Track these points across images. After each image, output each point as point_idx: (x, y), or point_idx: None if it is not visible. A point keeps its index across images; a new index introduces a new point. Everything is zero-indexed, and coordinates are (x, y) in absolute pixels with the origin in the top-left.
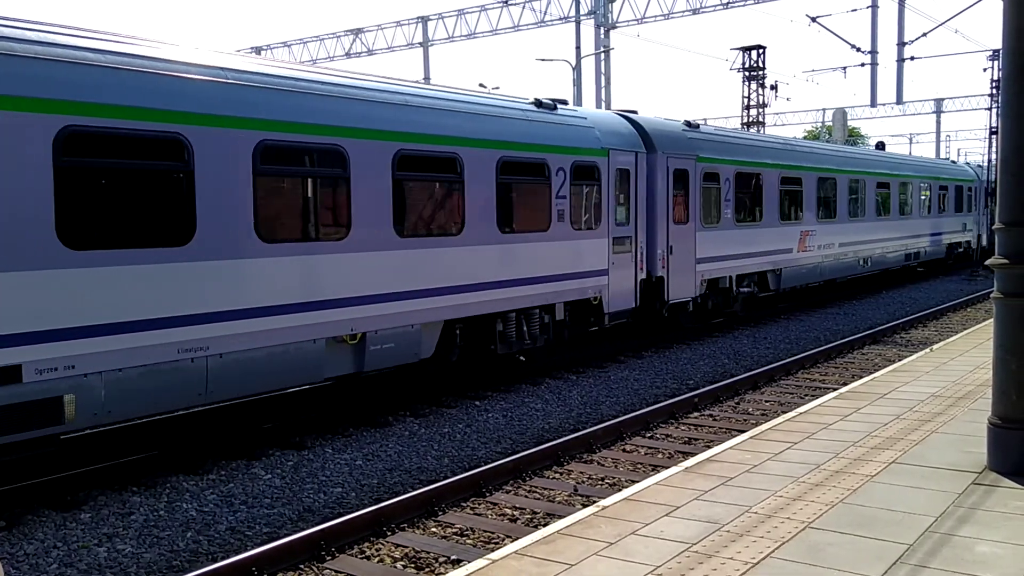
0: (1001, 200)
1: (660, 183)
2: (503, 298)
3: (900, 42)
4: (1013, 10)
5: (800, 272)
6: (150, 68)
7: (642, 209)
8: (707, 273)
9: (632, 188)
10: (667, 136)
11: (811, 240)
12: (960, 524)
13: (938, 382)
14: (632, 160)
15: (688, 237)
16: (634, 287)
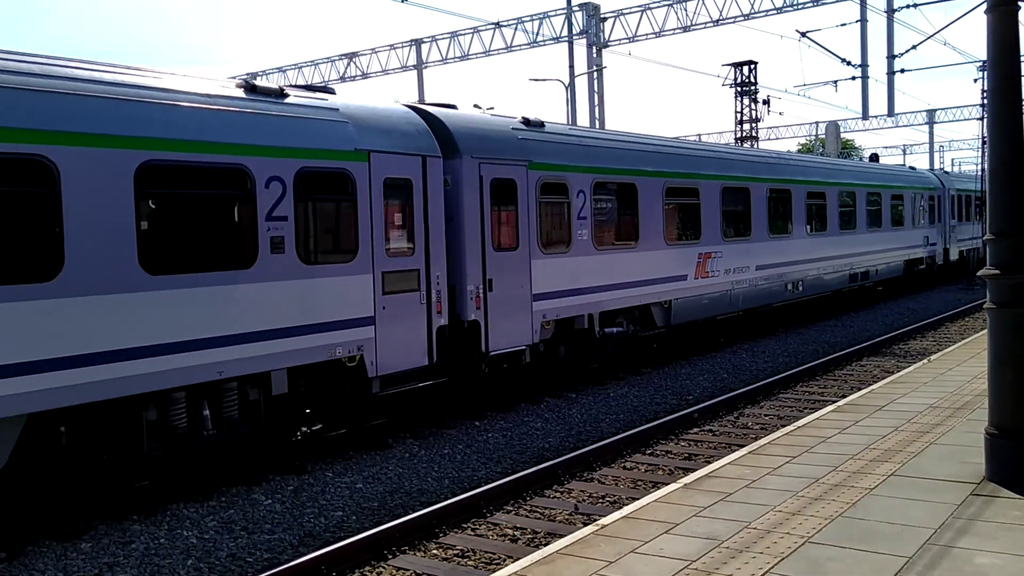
0: (991, 211)
1: (468, 198)
2: (156, 372)
3: (890, 55)
4: (997, 24)
5: (700, 303)
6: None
7: (438, 233)
8: (552, 312)
9: (417, 205)
10: (479, 136)
11: (715, 264)
12: (959, 535)
13: (936, 393)
14: (415, 167)
15: (519, 267)
16: (426, 338)
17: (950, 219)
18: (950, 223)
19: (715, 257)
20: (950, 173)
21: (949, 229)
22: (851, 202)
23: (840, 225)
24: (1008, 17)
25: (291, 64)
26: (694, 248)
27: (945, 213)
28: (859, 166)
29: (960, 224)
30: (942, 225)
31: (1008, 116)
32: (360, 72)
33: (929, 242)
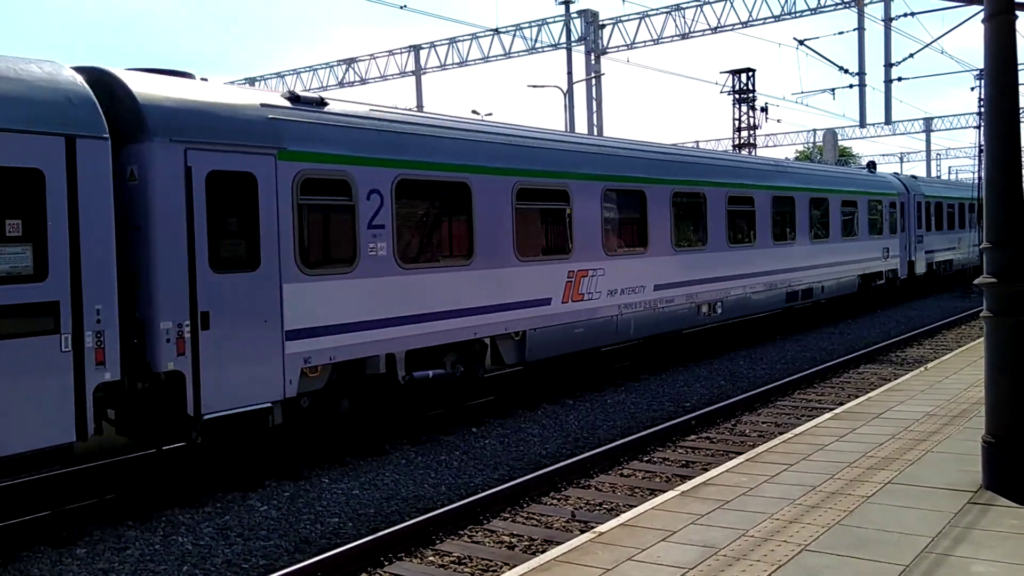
0: (988, 220)
1: (163, 197)
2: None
3: (887, 63)
4: (995, 33)
5: (569, 333)
6: None
7: (98, 247)
8: (323, 354)
9: (55, 207)
10: (191, 112)
11: (593, 283)
12: (956, 544)
13: (933, 401)
14: (51, 152)
15: (258, 294)
16: (70, 403)
17: (916, 228)
18: (916, 233)
19: (593, 275)
20: (918, 178)
21: (915, 239)
22: (789, 209)
23: (774, 236)
24: (1006, 26)
25: (290, 69)
26: (562, 264)
27: (910, 221)
28: (801, 167)
29: (930, 234)
30: (906, 235)
31: (1005, 124)
32: (359, 78)
33: (890, 254)
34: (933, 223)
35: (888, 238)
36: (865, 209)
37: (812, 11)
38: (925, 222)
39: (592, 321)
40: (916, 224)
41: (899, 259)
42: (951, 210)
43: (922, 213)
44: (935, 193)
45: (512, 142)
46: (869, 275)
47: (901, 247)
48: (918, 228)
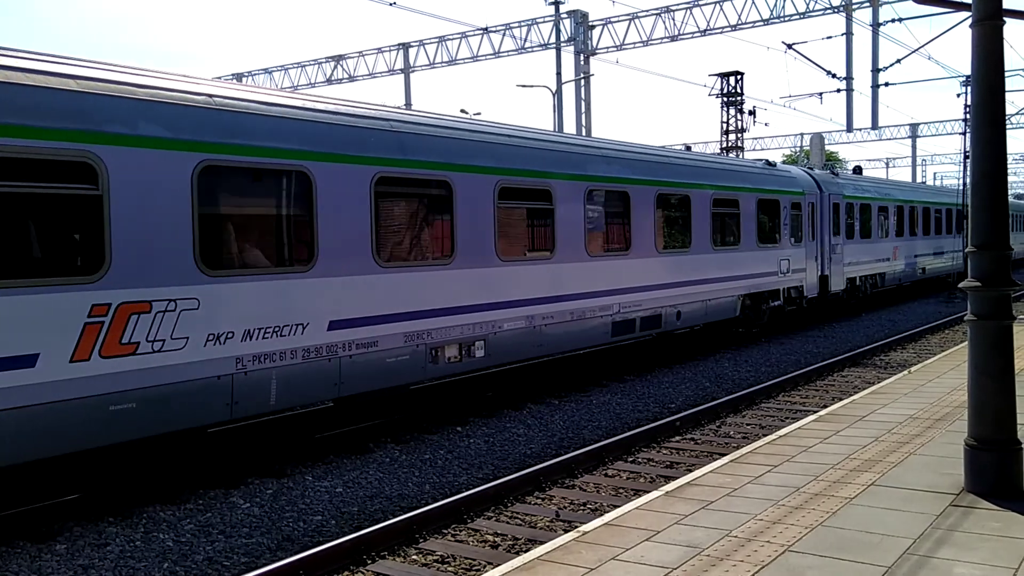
0: (973, 225)
1: None
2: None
3: (874, 68)
4: (982, 38)
5: (90, 417)
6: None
7: None
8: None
9: None
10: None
11: (166, 326)
12: (938, 546)
13: (916, 404)
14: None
15: None
16: None
17: (831, 235)
18: (831, 241)
19: (164, 313)
20: (841, 175)
21: (829, 249)
22: (622, 208)
23: (594, 246)
24: (993, 32)
25: (277, 66)
26: (81, 295)
27: (823, 227)
28: (646, 152)
29: (852, 243)
30: (816, 244)
31: (991, 130)
32: (347, 75)
33: (791, 268)
34: (858, 230)
35: (789, 248)
36: (754, 211)
37: (801, 15)
38: (846, 228)
39: (171, 391)
40: (832, 230)
41: (805, 274)
42: (886, 214)
43: (842, 217)
44: (863, 194)
45: (178, 100)
46: (757, 295)
47: (809, 259)
48: (835, 235)
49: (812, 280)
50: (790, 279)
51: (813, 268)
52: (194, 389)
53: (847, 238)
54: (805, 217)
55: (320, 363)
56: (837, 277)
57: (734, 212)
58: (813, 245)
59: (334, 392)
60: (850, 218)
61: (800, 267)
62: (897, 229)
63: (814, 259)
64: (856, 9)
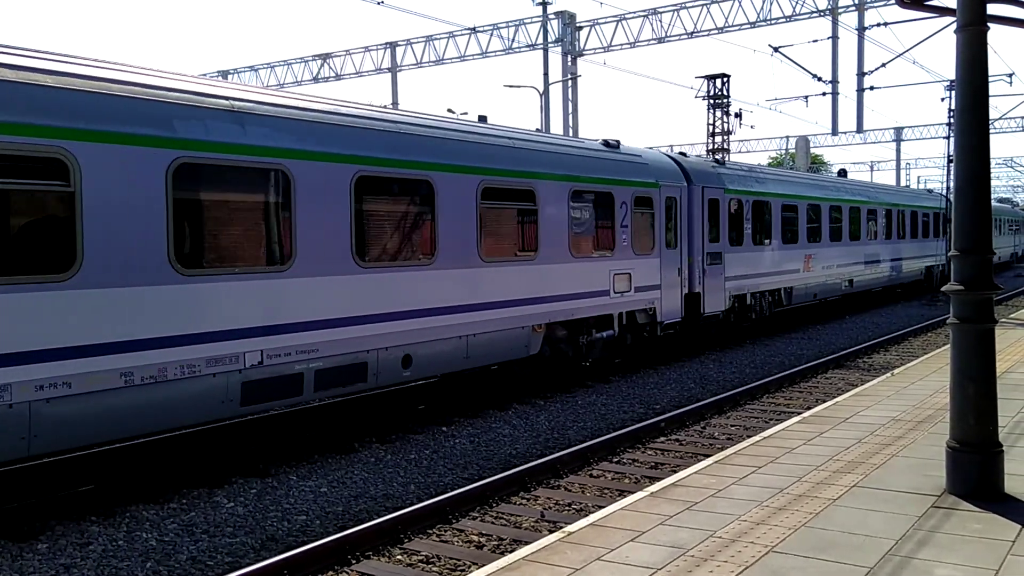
0: (956, 229)
1: None
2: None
3: (860, 72)
4: (966, 43)
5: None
6: None
7: None
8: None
9: None
10: None
11: None
12: (920, 547)
13: (899, 406)
14: None
15: None
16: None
17: (706, 241)
18: (707, 249)
19: None
20: (722, 164)
21: (704, 260)
22: (329, 207)
23: (266, 255)
24: (977, 37)
25: (264, 63)
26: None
27: (692, 230)
28: (416, 120)
29: (740, 251)
30: (681, 252)
31: (975, 135)
32: (334, 74)
33: (634, 286)
34: (750, 234)
35: (631, 258)
36: (562, 208)
37: (787, 18)
38: (731, 232)
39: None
40: (710, 235)
41: (661, 293)
42: (795, 215)
43: (723, 218)
44: (758, 188)
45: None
46: (575, 323)
47: (668, 272)
48: (714, 241)
49: (673, 301)
50: (633, 300)
51: (675, 284)
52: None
53: (733, 244)
54: (659, 217)
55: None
56: (715, 295)
57: (529, 208)
58: (674, 254)
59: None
60: (739, 219)
61: (651, 283)
62: (811, 234)
63: (676, 273)
64: (842, 13)
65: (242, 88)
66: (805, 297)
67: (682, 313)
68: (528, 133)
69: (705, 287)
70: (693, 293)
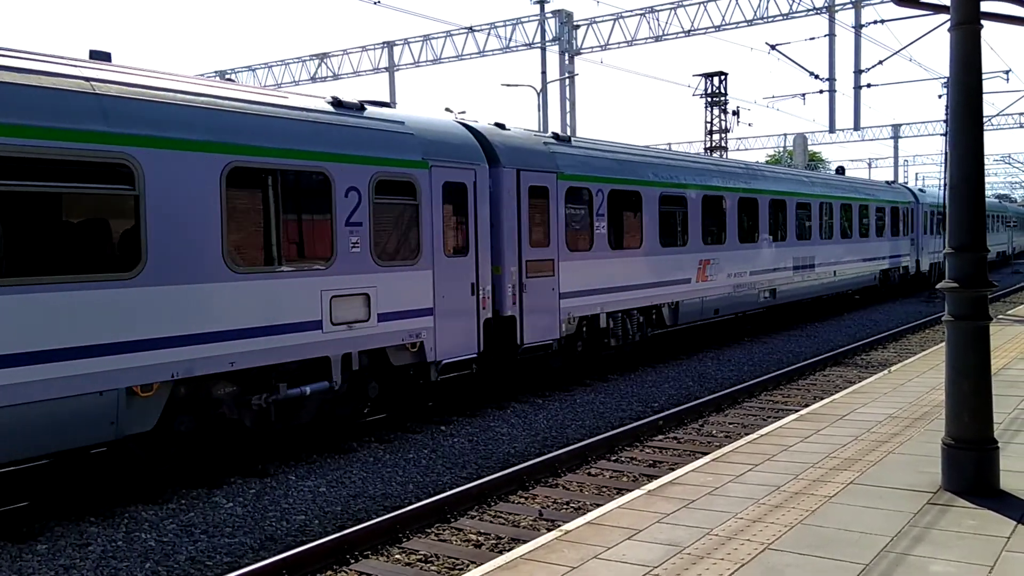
0: (951, 226)
1: None
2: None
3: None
4: (961, 41)
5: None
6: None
7: None
8: None
9: None
10: None
11: None
12: (915, 543)
13: (896, 403)
14: None
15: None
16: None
17: (526, 245)
18: (527, 255)
19: None
20: (564, 141)
21: (522, 270)
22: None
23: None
24: (971, 35)
25: (261, 63)
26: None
27: (508, 231)
28: None
29: (583, 257)
30: (472, 260)
31: (969, 133)
32: (331, 73)
33: (397, 309)
34: (603, 234)
35: (371, 271)
36: (212, 196)
37: (784, 16)
38: (572, 232)
39: None
40: (528, 236)
41: (434, 321)
42: (680, 208)
43: (555, 212)
44: (618, 174)
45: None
46: (256, 373)
47: (452, 289)
48: (538, 245)
49: (460, 331)
50: (377, 333)
51: (466, 307)
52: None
53: (573, 249)
54: (430, 210)
55: None
56: (541, 319)
57: (117, 193)
58: (463, 264)
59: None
60: (585, 215)
61: (416, 307)
62: (710, 234)
63: (469, 290)
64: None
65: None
66: (700, 313)
67: (480, 347)
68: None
69: (524, 308)
70: (504, 317)
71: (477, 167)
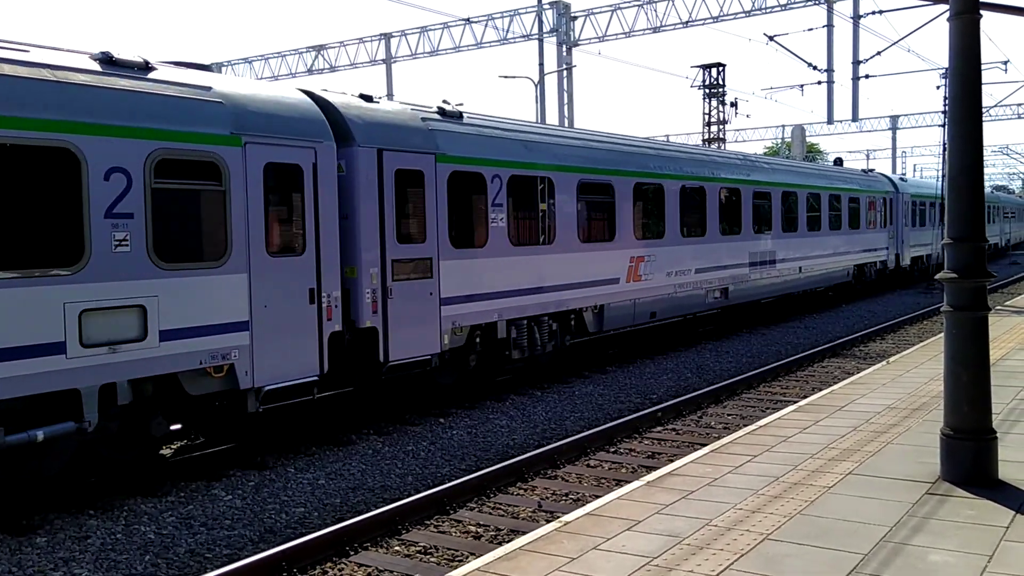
0: (950, 217)
1: None
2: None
3: (855, 60)
4: (960, 31)
5: None
6: None
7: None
8: None
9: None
10: None
11: None
12: (914, 533)
13: (894, 394)
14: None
15: None
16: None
17: (391, 241)
18: (392, 254)
19: None
20: (452, 116)
21: (388, 272)
22: None
23: None
24: (970, 25)
25: (258, 55)
26: None
27: (365, 223)
28: None
29: (472, 255)
30: (313, 260)
31: (968, 123)
32: (328, 65)
33: (195, 324)
34: (502, 227)
35: (146, 276)
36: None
37: (782, 7)
38: (457, 225)
39: None
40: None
41: (251, 338)
42: (609, 198)
43: (432, 201)
44: (518, 157)
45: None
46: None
47: (280, 297)
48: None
49: (293, 349)
50: (164, 356)
51: (302, 319)
52: None
53: (459, 245)
54: (241, 199)
55: None
56: (414, 330)
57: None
58: (299, 264)
59: None
60: (475, 204)
61: (225, 320)
62: (644, 226)
63: (307, 297)
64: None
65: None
66: (632, 318)
67: (323, 367)
68: None
69: (389, 318)
70: (361, 329)
71: (318, 145)
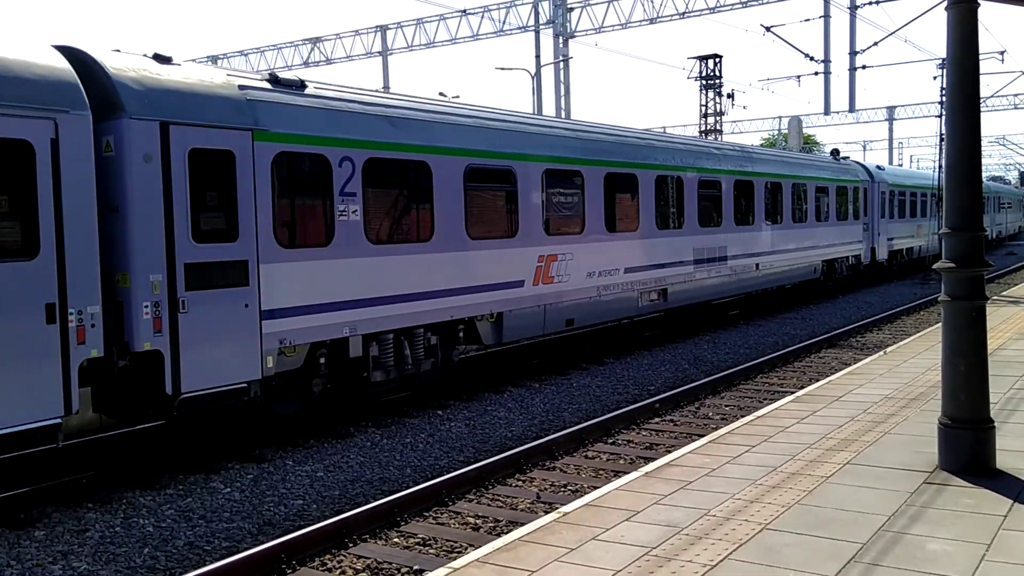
0: (947, 207)
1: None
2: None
3: (852, 51)
4: (957, 21)
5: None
6: None
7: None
8: None
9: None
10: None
11: None
12: (912, 523)
13: (891, 384)
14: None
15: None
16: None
17: (185, 240)
18: (186, 256)
19: None
20: (289, 85)
21: (180, 280)
22: None
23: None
24: (968, 14)
25: (253, 48)
26: None
27: (146, 218)
28: None
29: (312, 256)
30: (46, 265)
31: (966, 113)
32: (324, 58)
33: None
34: (357, 221)
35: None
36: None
37: None
38: (283, 220)
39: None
40: (190, 226)
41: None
42: (512, 187)
43: (247, 190)
44: (385, 136)
45: None
46: None
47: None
48: (217, 239)
49: (10, 396)
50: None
51: (35, 351)
52: None
53: (288, 245)
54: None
55: None
56: (222, 350)
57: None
58: (19, 272)
59: None
60: (320, 194)
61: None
62: (555, 221)
63: (41, 319)
64: None
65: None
66: (541, 326)
67: (70, 407)
68: None
69: (182, 338)
70: (138, 354)
71: (62, 116)
